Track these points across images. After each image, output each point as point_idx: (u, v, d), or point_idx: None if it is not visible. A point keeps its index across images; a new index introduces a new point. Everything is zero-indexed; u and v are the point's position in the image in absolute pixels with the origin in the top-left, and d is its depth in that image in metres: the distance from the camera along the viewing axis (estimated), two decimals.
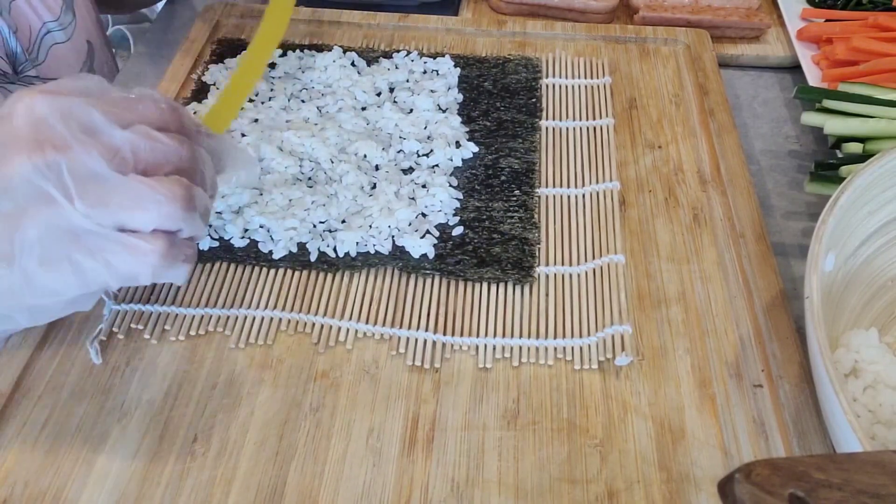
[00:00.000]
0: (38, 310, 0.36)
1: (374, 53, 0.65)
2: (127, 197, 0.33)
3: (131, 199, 0.34)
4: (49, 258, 0.34)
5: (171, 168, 0.36)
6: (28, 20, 0.65)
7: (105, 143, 0.33)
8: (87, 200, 0.33)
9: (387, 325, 0.47)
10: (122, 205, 0.33)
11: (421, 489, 0.40)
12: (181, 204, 0.35)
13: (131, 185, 0.34)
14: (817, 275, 0.39)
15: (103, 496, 0.39)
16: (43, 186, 0.32)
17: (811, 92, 0.59)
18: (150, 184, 0.34)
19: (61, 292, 0.35)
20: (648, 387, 0.44)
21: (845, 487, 0.27)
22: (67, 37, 0.69)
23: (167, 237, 0.35)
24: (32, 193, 0.32)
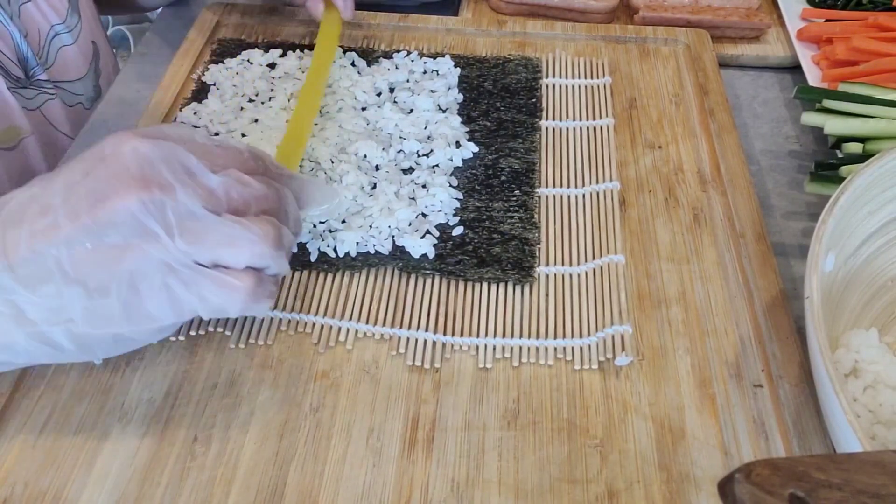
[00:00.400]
0: (122, 338, 0.38)
1: (374, 53, 0.65)
2: (222, 235, 0.36)
3: (226, 238, 0.36)
4: (148, 287, 0.36)
5: (259, 209, 0.38)
6: (37, 24, 0.65)
7: (202, 185, 0.36)
8: (187, 238, 0.35)
9: (387, 325, 0.47)
10: (217, 242, 0.36)
11: (421, 489, 0.40)
12: (271, 243, 0.37)
13: (226, 224, 0.36)
14: (817, 275, 0.39)
15: (103, 496, 0.39)
16: (148, 223, 0.35)
17: (811, 92, 0.59)
18: (244, 224, 0.37)
19: (157, 319, 0.37)
20: (648, 387, 0.44)
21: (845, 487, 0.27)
22: (74, 38, 0.69)
23: (256, 275, 0.37)
24: (138, 229, 0.35)
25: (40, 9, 0.66)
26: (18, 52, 0.63)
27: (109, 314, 0.36)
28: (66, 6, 0.69)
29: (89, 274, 0.35)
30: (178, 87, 0.62)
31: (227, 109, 0.59)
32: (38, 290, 0.35)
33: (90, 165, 0.36)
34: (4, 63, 0.62)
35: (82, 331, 0.36)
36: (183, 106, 0.60)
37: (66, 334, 0.37)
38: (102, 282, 0.35)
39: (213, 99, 0.60)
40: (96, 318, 0.36)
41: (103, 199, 0.34)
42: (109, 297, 0.36)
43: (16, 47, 0.63)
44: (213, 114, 0.58)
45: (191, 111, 0.59)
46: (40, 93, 0.66)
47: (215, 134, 0.57)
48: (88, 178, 0.35)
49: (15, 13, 0.63)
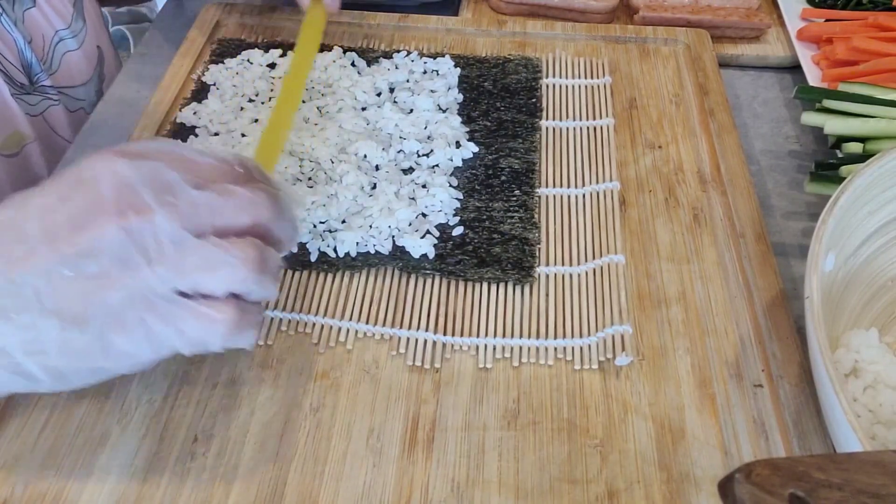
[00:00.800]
0: (102, 371, 0.37)
1: (374, 53, 0.65)
2: (201, 260, 0.34)
3: (205, 262, 0.34)
4: (125, 322, 0.34)
5: (251, 218, 0.36)
6: (41, 29, 0.65)
7: (184, 205, 0.34)
8: (165, 265, 0.33)
9: (387, 326, 0.47)
10: (196, 267, 0.34)
11: (421, 489, 0.40)
12: (252, 266, 0.35)
13: (205, 248, 0.34)
14: (817, 275, 0.39)
15: (103, 497, 0.39)
16: (126, 252, 0.33)
17: (811, 92, 0.59)
18: (223, 246, 0.34)
19: (134, 355, 0.35)
20: (648, 387, 0.44)
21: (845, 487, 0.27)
22: (79, 44, 0.69)
23: (237, 305, 0.35)
24: (116, 258, 0.33)
25: (45, 14, 0.66)
26: (22, 58, 0.63)
27: (85, 348, 0.34)
28: (70, 11, 0.69)
29: (66, 305, 0.34)
30: (178, 87, 0.62)
31: (227, 109, 0.59)
32: (13, 320, 0.34)
33: (67, 190, 0.34)
34: (8, 69, 0.62)
35: (57, 363, 0.35)
36: (183, 106, 0.60)
37: (40, 366, 0.35)
38: (79, 314, 0.34)
39: (213, 99, 0.60)
40: (71, 351, 0.34)
41: (81, 227, 0.33)
42: (86, 331, 0.34)
43: (20, 53, 0.63)
44: (213, 114, 0.58)
45: (191, 111, 0.59)
46: (44, 98, 0.66)
47: (215, 134, 0.57)
48: (66, 203, 0.34)
49: (19, 19, 0.63)
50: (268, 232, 0.37)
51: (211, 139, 0.56)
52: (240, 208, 0.36)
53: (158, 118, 0.59)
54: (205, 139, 0.56)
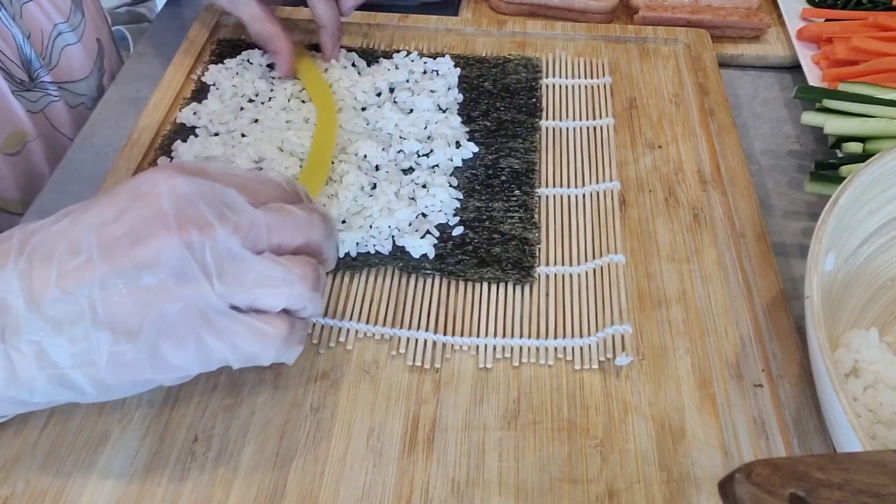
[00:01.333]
0: (148, 383, 0.37)
1: (374, 53, 0.65)
2: (261, 276, 0.35)
3: (265, 279, 0.35)
4: (178, 336, 0.34)
5: (304, 238, 0.37)
6: (39, 24, 0.65)
7: (243, 222, 0.35)
8: (224, 280, 0.34)
9: (387, 326, 0.47)
10: (256, 283, 0.34)
11: (421, 489, 0.40)
12: (310, 284, 0.36)
13: (265, 265, 0.35)
14: (817, 274, 0.39)
15: (104, 496, 0.39)
16: (187, 266, 0.33)
17: (811, 92, 0.59)
18: (283, 264, 0.35)
19: (183, 369, 0.36)
20: (649, 387, 0.44)
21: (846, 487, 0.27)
22: (78, 37, 0.69)
23: (290, 319, 0.36)
24: (176, 272, 0.33)
25: (43, 8, 0.65)
26: (21, 55, 0.63)
27: (135, 361, 0.34)
28: (69, 4, 0.69)
29: (120, 318, 0.33)
30: (178, 87, 0.62)
31: (226, 109, 0.59)
32: (64, 331, 0.34)
33: (125, 203, 0.34)
34: (7, 66, 0.61)
35: (105, 376, 0.35)
36: (183, 106, 0.60)
37: (88, 378, 0.35)
38: (132, 327, 0.34)
39: (212, 99, 0.60)
40: (121, 364, 0.34)
41: (141, 241, 0.33)
42: (137, 344, 0.34)
43: (18, 49, 0.63)
44: (212, 114, 0.58)
45: (190, 111, 0.59)
46: (44, 95, 0.65)
47: (215, 134, 0.57)
48: (124, 216, 0.34)
49: (17, 13, 0.63)
50: (318, 251, 0.38)
51: (211, 139, 0.56)
52: (295, 227, 0.37)
53: (158, 118, 0.59)
54: (205, 139, 0.56)
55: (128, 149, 0.57)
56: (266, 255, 0.35)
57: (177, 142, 0.56)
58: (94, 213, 0.34)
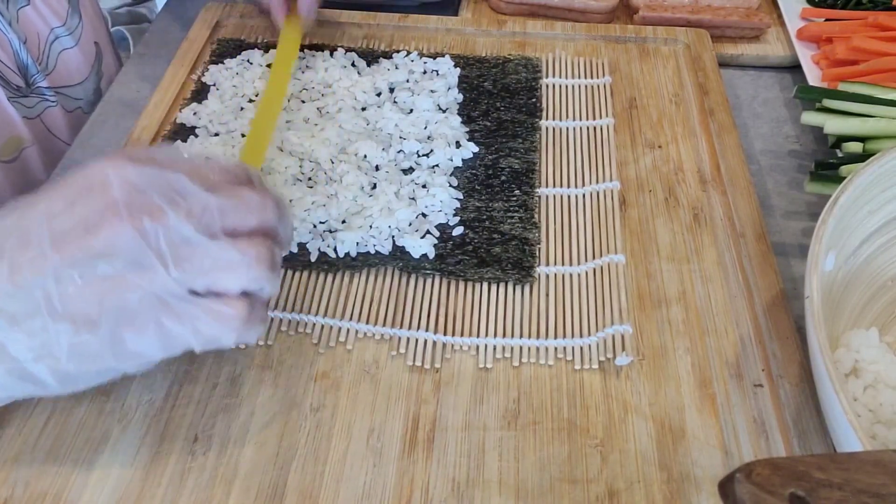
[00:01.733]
0: (110, 371, 0.37)
1: (374, 53, 0.65)
2: (217, 260, 0.35)
3: (222, 262, 0.35)
4: (138, 323, 0.34)
5: (257, 221, 0.37)
6: (36, 28, 0.65)
7: (195, 207, 0.35)
8: (181, 266, 0.34)
9: (387, 326, 0.47)
10: (213, 267, 0.35)
11: (421, 489, 0.40)
12: (267, 265, 0.36)
13: (221, 248, 0.35)
14: (817, 274, 0.39)
15: (104, 496, 0.39)
16: (142, 253, 0.33)
17: (811, 91, 0.59)
18: (239, 247, 0.35)
19: (146, 355, 0.36)
20: (649, 387, 0.44)
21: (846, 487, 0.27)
22: (76, 41, 0.69)
23: (248, 301, 0.36)
24: (131, 259, 0.33)
25: (39, 12, 0.65)
26: (18, 60, 0.63)
27: (96, 350, 0.34)
28: (66, 7, 0.69)
29: (78, 308, 0.34)
30: (178, 87, 0.62)
31: (226, 110, 0.59)
32: (22, 325, 0.34)
33: (74, 194, 0.34)
34: (3, 72, 0.61)
35: (67, 367, 0.35)
36: (183, 106, 0.60)
37: (49, 370, 0.35)
38: (91, 316, 0.34)
39: (212, 99, 0.60)
40: (83, 354, 0.34)
41: (94, 229, 0.33)
42: (97, 334, 0.34)
43: (15, 55, 0.62)
44: (212, 114, 0.58)
45: (190, 111, 0.59)
46: (41, 100, 0.65)
47: (215, 134, 0.57)
48: (75, 207, 0.34)
49: (13, 18, 0.62)
50: (273, 233, 0.38)
51: (211, 139, 0.56)
52: (249, 210, 0.37)
53: (158, 118, 0.59)
54: (205, 139, 0.56)
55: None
56: (222, 238, 0.35)
57: (177, 142, 0.56)
58: (43, 206, 0.34)
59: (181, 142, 0.56)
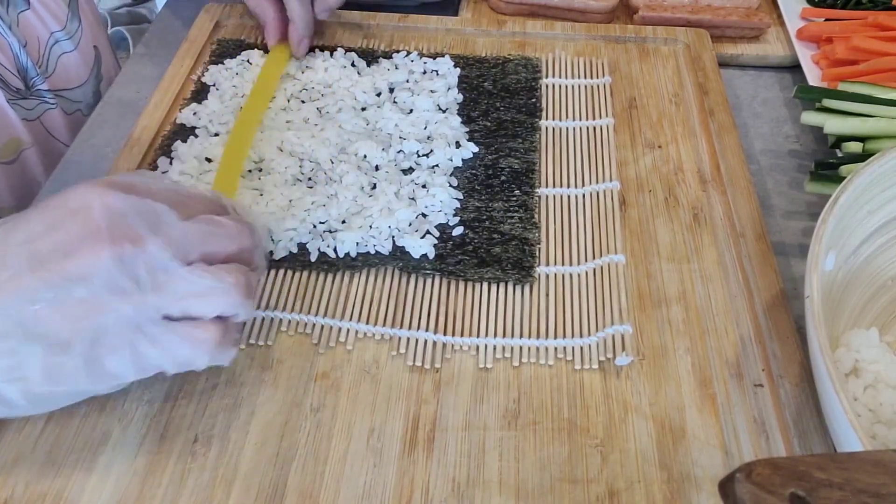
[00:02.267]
0: (82, 394, 0.38)
1: (374, 53, 0.65)
2: (193, 287, 0.36)
3: (198, 289, 0.36)
4: (112, 345, 0.35)
5: (235, 248, 0.38)
6: (36, 32, 0.65)
7: (174, 234, 0.36)
8: (157, 292, 0.35)
9: (387, 326, 0.47)
10: (188, 294, 0.36)
11: (422, 489, 0.40)
12: (242, 292, 0.37)
13: (197, 276, 0.36)
14: (818, 274, 0.39)
15: (104, 497, 0.39)
16: (120, 278, 0.34)
17: (811, 91, 0.59)
18: (216, 274, 0.36)
19: (118, 377, 0.36)
20: (649, 386, 0.44)
21: (846, 487, 0.27)
22: (75, 45, 0.69)
23: (222, 325, 0.37)
24: (108, 284, 0.34)
25: (39, 16, 0.65)
26: (18, 63, 0.63)
27: (69, 372, 0.35)
28: (65, 12, 0.69)
29: (51, 330, 0.34)
30: (178, 87, 0.62)
31: (226, 110, 0.59)
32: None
33: (56, 218, 0.35)
34: (3, 75, 0.61)
35: (38, 389, 0.35)
36: (182, 107, 0.60)
37: (21, 392, 0.35)
38: (64, 338, 0.34)
39: (212, 99, 0.60)
40: (55, 375, 0.35)
41: (73, 254, 0.34)
42: (70, 355, 0.34)
43: (15, 58, 0.63)
44: (212, 114, 0.58)
45: (190, 112, 0.59)
46: (40, 102, 0.65)
47: (215, 135, 0.57)
48: (56, 231, 0.34)
49: (14, 22, 0.63)
50: (248, 259, 0.39)
51: (211, 139, 0.56)
52: (225, 237, 0.38)
53: (158, 118, 0.59)
54: (205, 140, 0.56)
55: (127, 149, 0.57)
56: (197, 265, 0.36)
57: (177, 142, 0.56)
58: (23, 228, 0.35)
59: (181, 142, 0.56)
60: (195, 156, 0.54)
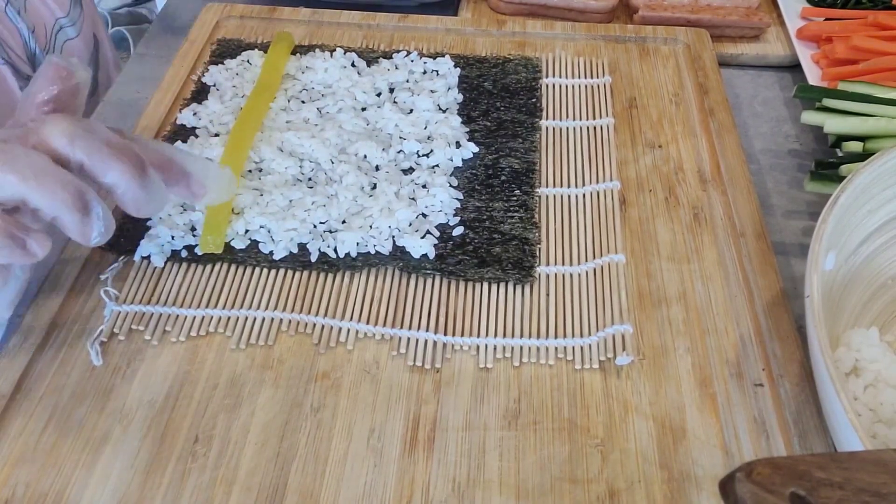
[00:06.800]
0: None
1: (374, 54, 0.65)
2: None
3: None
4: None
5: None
6: (43, 18, 0.65)
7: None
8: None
9: (387, 326, 0.47)
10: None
11: (422, 489, 0.40)
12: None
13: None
14: (818, 274, 0.39)
15: (104, 497, 0.39)
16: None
17: (811, 91, 0.59)
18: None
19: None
20: (649, 386, 0.44)
21: (846, 486, 0.27)
22: (77, 31, 0.69)
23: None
24: None
25: (45, 2, 0.66)
26: (27, 50, 0.63)
27: None
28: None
29: None
30: (178, 87, 0.62)
31: (226, 110, 0.59)
32: None
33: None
34: (15, 62, 0.61)
35: None
36: (183, 107, 0.60)
37: None
38: None
39: (212, 100, 0.60)
40: None
41: None
42: None
43: (25, 44, 0.63)
44: (212, 115, 0.58)
45: (190, 112, 0.59)
46: None
47: (215, 135, 0.57)
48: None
49: (22, 7, 0.63)
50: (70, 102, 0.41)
51: (211, 140, 0.56)
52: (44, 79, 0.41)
53: (158, 119, 0.59)
54: (205, 140, 0.56)
55: None
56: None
57: (177, 142, 0.56)
58: None
59: (181, 142, 0.56)
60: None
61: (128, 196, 0.39)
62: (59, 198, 0.37)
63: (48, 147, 0.38)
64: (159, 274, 0.49)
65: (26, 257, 0.37)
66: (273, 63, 0.62)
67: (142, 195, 0.39)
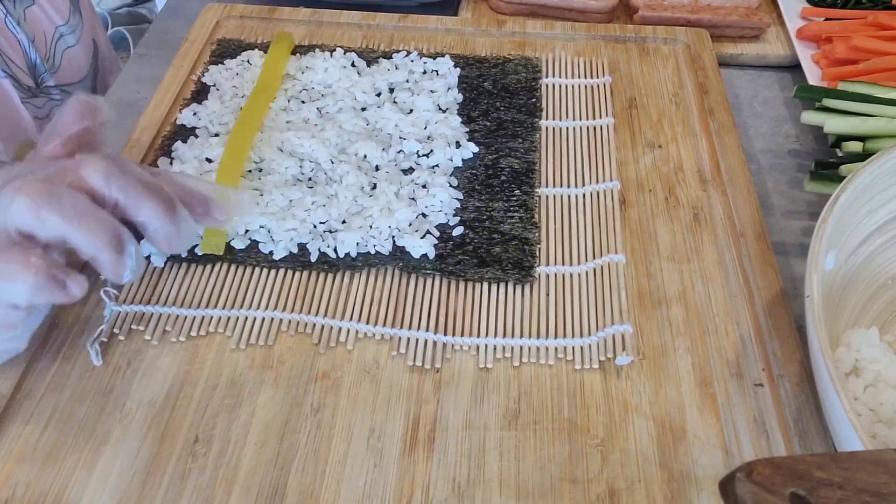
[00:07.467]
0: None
1: (373, 54, 0.65)
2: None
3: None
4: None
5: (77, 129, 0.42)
6: (43, 27, 0.65)
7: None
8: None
9: (387, 326, 0.47)
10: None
11: (422, 489, 0.40)
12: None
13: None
14: (818, 274, 0.39)
15: (105, 497, 0.39)
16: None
17: (811, 91, 0.59)
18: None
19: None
20: (649, 386, 0.44)
21: (846, 486, 0.27)
22: (77, 39, 0.69)
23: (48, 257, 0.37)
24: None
25: (45, 11, 0.66)
26: (28, 60, 0.63)
27: None
28: (67, 6, 0.69)
29: None
30: (178, 88, 0.62)
31: (226, 110, 0.59)
32: None
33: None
34: (17, 74, 0.61)
35: None
36: (183, 107, 0.60)
37: None
38: None
39: (212, 100, 0.60)
40: None
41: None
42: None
43: (25, 55, 0.63)
44: (212, 115, 0.58)
45: (190, 112, 0.59)
46: (48, 100, 0.66)
47: (215, 135, 0.57)
48: None
49: (21, 18, 0.63)
50: (93, 139, 0.43)
51: (211, 140, 0.56)
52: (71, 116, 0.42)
53: (158, 119, 0.59)
54: (205, 140, 0.56)
55: (128, 149, 0.57)
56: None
57: (177, 142, 0.56)
58: None
59: (181, 142, 0.56)
60: (195, 156, 0.54)
61: (160, 234, 0.40)
62: (100, 239, 0.37)
63: (86, 186, 0.38)
64: (159, 274, 0.49)
65: (65, 298, 0.38)
66: (273, 63, 0.62)
67: (173, 231, 0.40)
